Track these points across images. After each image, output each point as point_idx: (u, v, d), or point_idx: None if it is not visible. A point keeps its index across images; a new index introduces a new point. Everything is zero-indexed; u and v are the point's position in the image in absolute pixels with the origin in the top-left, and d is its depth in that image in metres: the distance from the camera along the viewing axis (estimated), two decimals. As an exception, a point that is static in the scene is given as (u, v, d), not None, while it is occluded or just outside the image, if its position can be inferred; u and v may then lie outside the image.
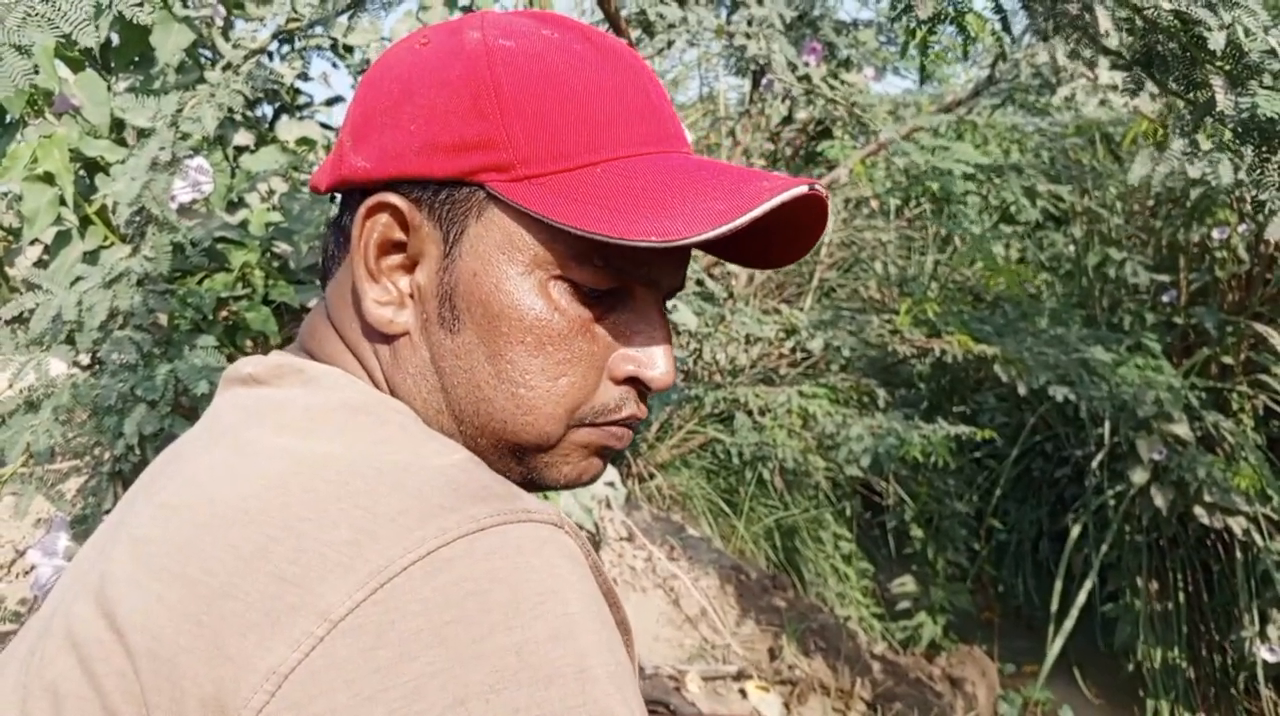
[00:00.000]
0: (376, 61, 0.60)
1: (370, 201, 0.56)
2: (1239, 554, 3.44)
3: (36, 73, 0.96)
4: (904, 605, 3.71)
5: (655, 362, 0.59)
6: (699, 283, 2.73)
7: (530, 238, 0.55)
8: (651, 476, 3.44)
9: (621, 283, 0.57)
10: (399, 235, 0.57)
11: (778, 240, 0.62)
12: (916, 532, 3.82)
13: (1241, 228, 3.72)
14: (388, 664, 0.42)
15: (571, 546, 0.48)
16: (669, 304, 2.61)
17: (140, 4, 1.04)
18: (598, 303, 0.57)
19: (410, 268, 0.58)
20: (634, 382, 0.59)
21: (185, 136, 1.56)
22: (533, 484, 0.60)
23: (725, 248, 0.64)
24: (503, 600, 0.43)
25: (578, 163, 0.55)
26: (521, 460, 0.59)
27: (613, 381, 0.59)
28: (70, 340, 1.55)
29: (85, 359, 1.68)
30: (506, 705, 0.41)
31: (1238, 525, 3.23)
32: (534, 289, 0.55)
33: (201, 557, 0.47)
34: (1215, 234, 3.80)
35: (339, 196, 0.62)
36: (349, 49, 2.44)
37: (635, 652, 0.54)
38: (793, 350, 3.64)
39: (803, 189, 0.53)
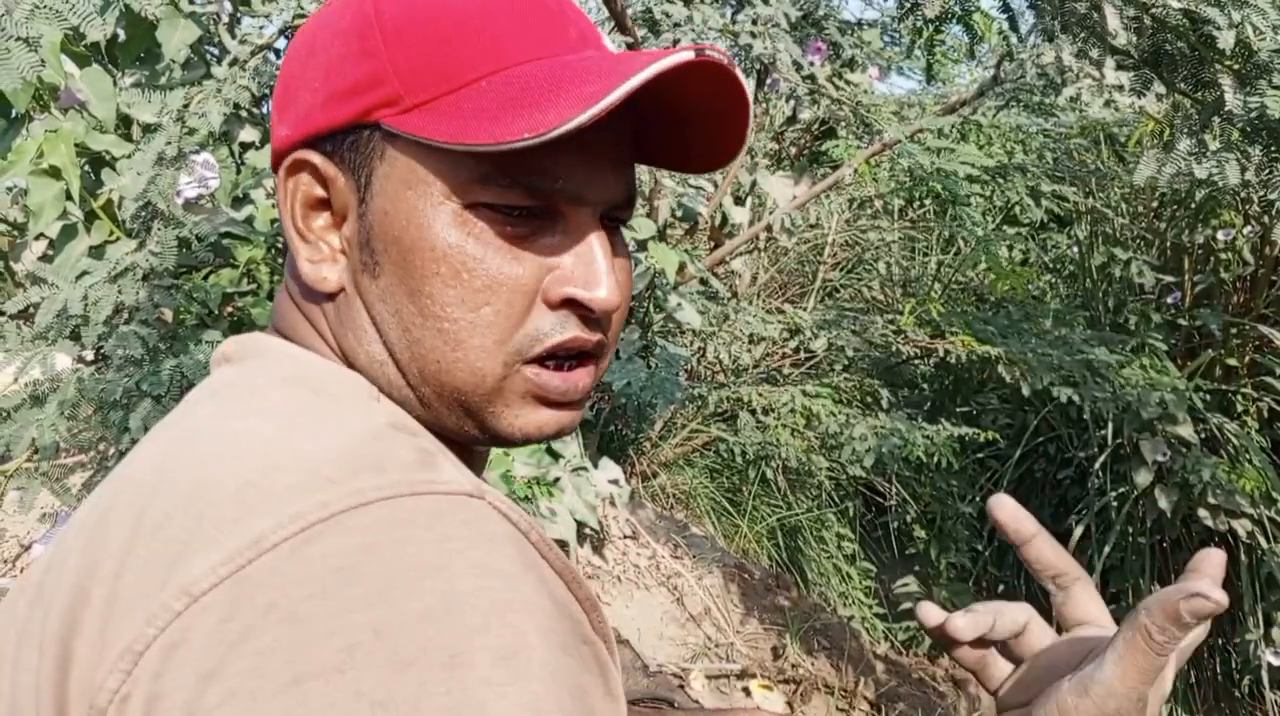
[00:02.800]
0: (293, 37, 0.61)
1: (286, 162, 0.56)
2: (1243, 557, 3.43)
3: (43, 66, 0.96)
4: (907, 605, 3.71)
5: (592, 279, 0.55)
6: (703, 282, 2.73)
7: (431, 168, 0.53)
8: (655, 475, 3.44)
9: (539, 200, 0.54)
10: (320, 192, 0.56)
11: (705, 131, 0.58)
12: (919, 533, 3.81)
13: (1247, 229, 3.72)
14: (234, 639, 0.38)
15: (489, 517, 0.44)
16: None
17: (152, 2, 1.05)
18: (521, 224, 0.54)
19: (339, 224, 0.57)
20: (573, 306, 0.55)
21: (191, 132, 1.56)
22: (492, 439, 0.58)
23: (655, 151, 0.61)
24: (372, 575, 0.39)
25: (463, 81, 0.53)
26: (468, 409, 0.56)
27: (549, 307, 0.55)
28: (76, 335, 1.55)
29: (90, 354, 1.68)
30: (348, 687, 0.37)
31: (1242, 528, 3.22)
32: (447, 219, 0.53)
33: (112, 536, 0.45)
34: (1220, 235, 3.80)
35: None
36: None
37: (609, 630, 0.49)
38: (796, 350, 3.64)
39: (687, 55, 0.50)
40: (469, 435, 0.57)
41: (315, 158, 0.56)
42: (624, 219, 0.60)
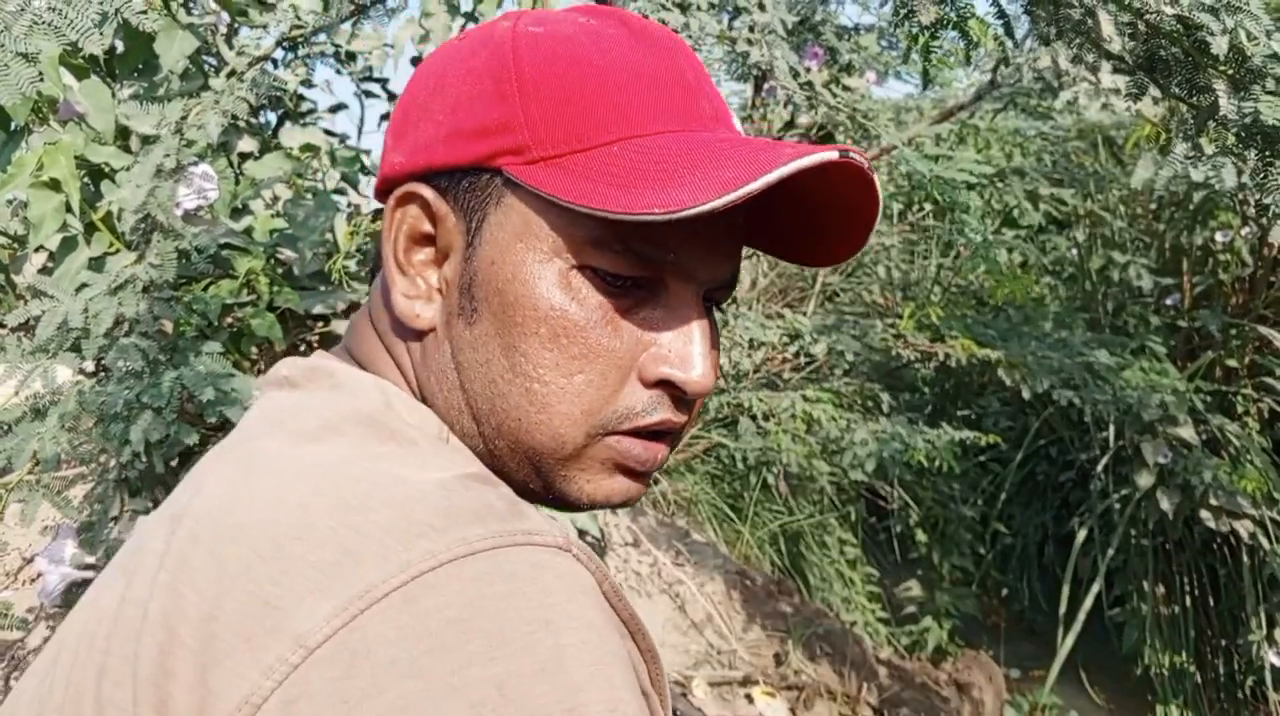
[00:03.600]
0: (419, 65, 0.60)
1: (398, 192, 0.56)
2: (1245, 557, 3.43)
3: (41, 80, 0.97)
4: (909, 610, 3.71)
5: (690, 363, 0.54)
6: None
7: (547, 223, 0.52)
8: (656, 481, 3.44)
9: (648, 271, 0.53)
10: (427, 227, 0.56)
11: (827, 226, 0.58)
12: (921, 537, 3.81)
13: (1245, 231, 3.72)
14: (358, 696, 0.39)
15: (577, 572, 0.44)
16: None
17: (145, 11, 1.05)
18: (625, 295, 0.53)
19: (440, 262, 0.56)
20: (667, 386, 0.55)
21: (190, 144, 1.57)
22: (557, 501, 0.57)
23: (772, 239, 0.61)
24: (486, 629, 0.40)
25: (594, 143, 0.52)
26: (539, 469, 0.55)
27: (643, 384, 0.54)
28: (76, 347, 1.56)
29: (90, 366, 1.68)
30: None
31: (1244, 528, 3.22)
32: (553, 278, 0.52)
33: (195, 576, 0.45)
34: (1219, 237, 3.81)
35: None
36: (351, 56, 2.45)
37: (665, 683, 0.50)
38: (796, 355, 3.64)
39: (830, 155, 0.49)
40: (533, 492, 0.57)
41: (428, 192, 0.55)
42: (721, 300, 0.59)
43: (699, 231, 0.53)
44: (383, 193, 0.59)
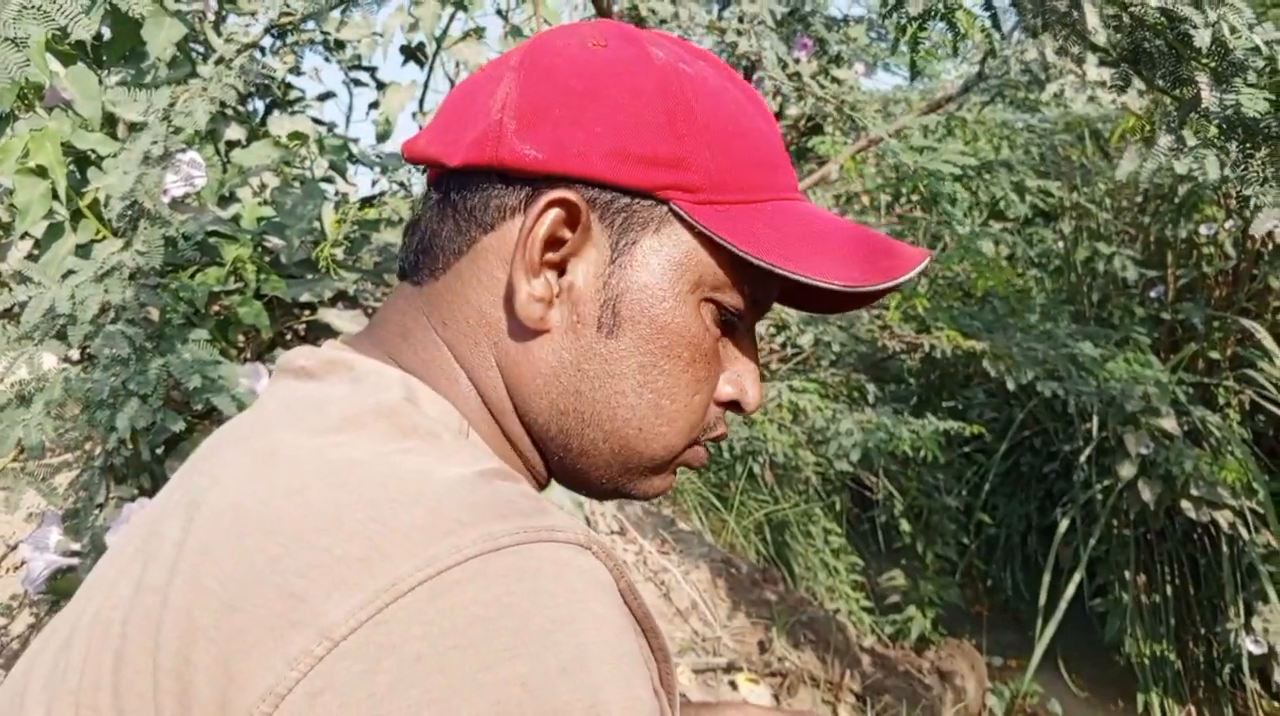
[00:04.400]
0: (538, 50, 0.58)
1: (553, 195, 0.55)
2: (1225, 547, 3.47)
3: (28, 65, 0.96)
4: (893, 599, 3.73)
5: (751, 387, 0.62)
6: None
7: (703, 259, 0.57)
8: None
9: (746, 310, 0.60)
10: (564, 233, 0.56)
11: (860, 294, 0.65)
12: (905, 527, 3.84)
13: (1229, 224, 3.75)
14: (385, 690, 0.39)
15: (598, 570, 0.45)
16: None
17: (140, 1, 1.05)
18: (725, 328, 0.60)
19: (560, 266, 0.56)
20: (730, 405, 0.62)
21: (177, 130, 1.56)
22: (616, 493, 0.62)
23: (801, 294, 0.67)
24: (511, 627, 0.41)
25: (753, 197, 0.58)
26: (628, 469, 0.60)
27: (717, 402, 0.61)
28: (62, 334, 1.55)
29: (75, 353, 1.68)
30: None
31: (1224, 518, 3.26)
32: (691, 308, 0.57)
33: (218, 566, 0.45)
34: (1203, 230, 3.84)
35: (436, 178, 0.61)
36: (340, 44, 2.44)
37: (675, 682, 0.52)
38: (783, 345, 3.65)
39: (925, 261, 0.58)
40: (593, 485, 0.61)
41: (581, 203, 0.55)
42: None
43: (776, 287, 0.62)
44: (483, 169, 0.57)
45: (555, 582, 0.43)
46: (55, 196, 1.74)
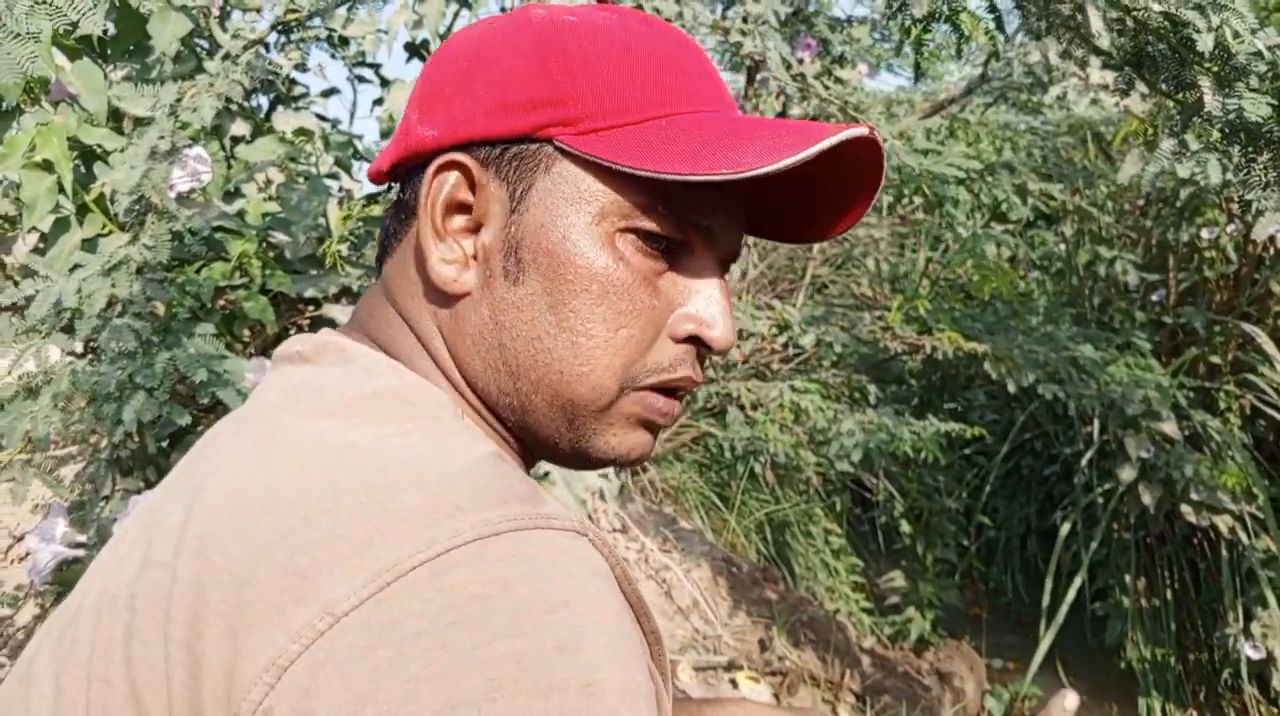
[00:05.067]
0: (441, 45, 0.61)
1: (440, 160, 0.57)
2: (1224, 552, 3.47)
3: (35, 59, 0.97)
4: (893, 600, 3.74)
5: (715, 321, 0.59)
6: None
7: (598, 188, 0.56)
8: (644, 469, 3.46)
9: (683, 234, 0.58)
10: (466, 196, 0.58)
11: (827, 201, 0.63)
12: (906, 528, 3.84)
13: (1230, 227, 3.75)
14: (385, 663, 0.41)
15: (593, 556, 0.47)
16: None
17: (145, -6, 1.06)
18: (661, 256, 0.58)
19: (474, 230, 0.58)
20: (693, 342, 0.59)
21: (184, 126, 1.57)
22: (582, 457, 0.60)
23: (773, 219, 0.65)
24: (509, 607, 0.42)
25: (642, 116, 0.56)
26: (573, 421, 0.58)
27: (672, 340, 0.59)
28: (69, 327, 1.56)
29: (79, 347, 1.69)
30: (501, 714, 0.40)
31: (1224, 523, 3.26)
32: (601, 239, 0.56)
33: (223, 544, 0.47)
34: (1204, 234, 3.83)
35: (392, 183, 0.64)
36: (345, 41, 2.44)
37: (668, 665, 0.53)
38: (785, 346, 3.66)
39: (861, 130, 0.54)
40: (557, 447, 0.60)
41: (470, 162, 0.57)
42: (725, 272, 0.64)
43: (724, 203, 0.59)
44: (407, 166, 0.61)
45: (552, 567, 0.44)
46: (62, 191, 1.75)
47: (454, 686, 0.40)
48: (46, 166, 1.75)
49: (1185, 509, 3.30)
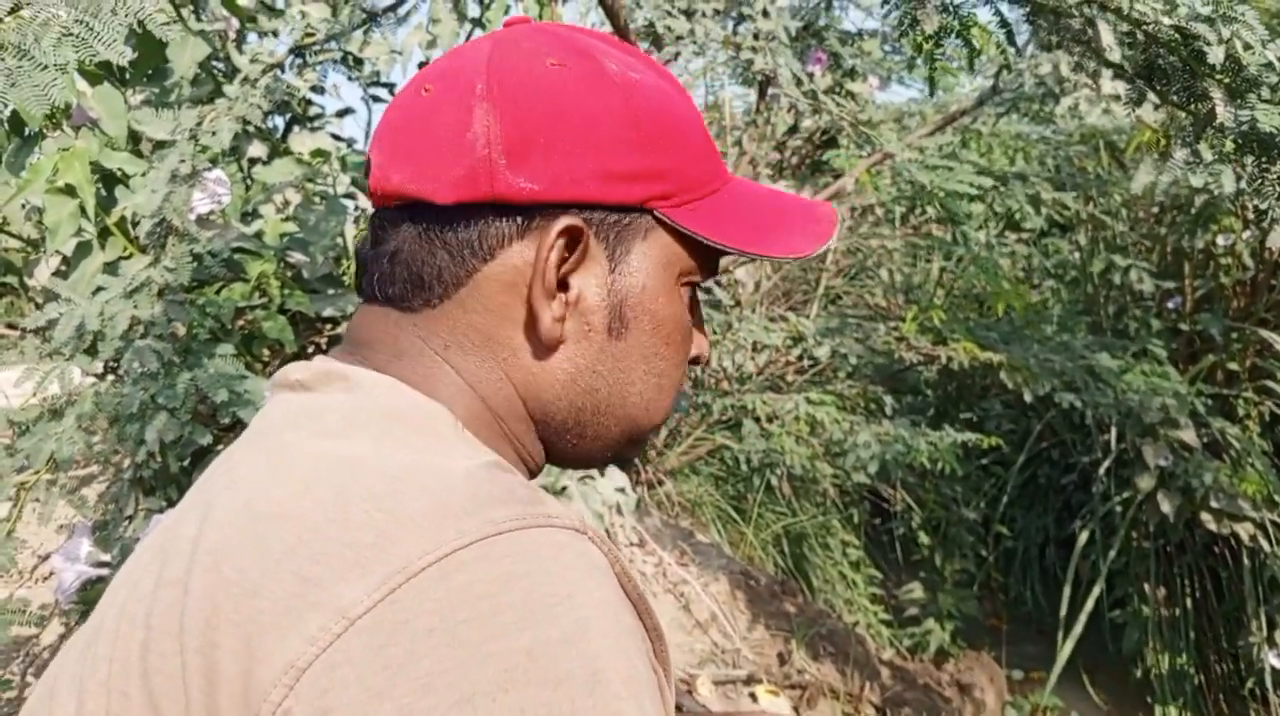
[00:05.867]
0: (504, 75, 0.59)
1: (562, 225, 0.58)
2: (1246, 560, 3.45)
3: (57, 85, 0.99)
4: (912, 611, 3.72)
5: (705, 345, 0.71)
6: (707, 290, 2.76)
7: (683, 254, 0.64)
8: (660, 482, 3.46)
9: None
10: (567, 253, 0.60)
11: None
12: (924, 539, 3.83)
13: (1247, 234, 3.74)
14: (399, 661, 0.42)
15: (593, 552, 0.49)
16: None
17: (169, 23, 1.07)
18: (690, 299, 0.67)
19: (563, 282, 0.61)
20: (693, 363, 0.70)
21: (204, 149, 1.59)
22: (614, 460, 0.69)
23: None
24: (515, 602, 0.44)
25: (710, 188, 0.65)
26: (634, 440, 0.67)
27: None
28: (91, 349, 1.58)
29: (99, 367, 1.71)
30: (513, 704, 0.42)
31: (1245, 531, 3.24)
32: (675, 294, 0.64)
33: (235, 558, 0.48)
34: (1220, 240, 3.82)
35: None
36: (359, 61, 2.47)
37: (669, 659, 0.55)
38: (799, 357, 3.66)
39: (837, 214, 0.69)
40: (596, 458, 0.67)
41: (583, 226, 0.59)
42: None
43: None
44: (479, 204, 0.58)
45: (554, 563, 0.46)
46: (84, 214, 1.77)
47: (468, 679, 0.42)
48: (69, 191, 1.77)
49: (1205, 517, 3.28)
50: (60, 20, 0.93)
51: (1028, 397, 3.19)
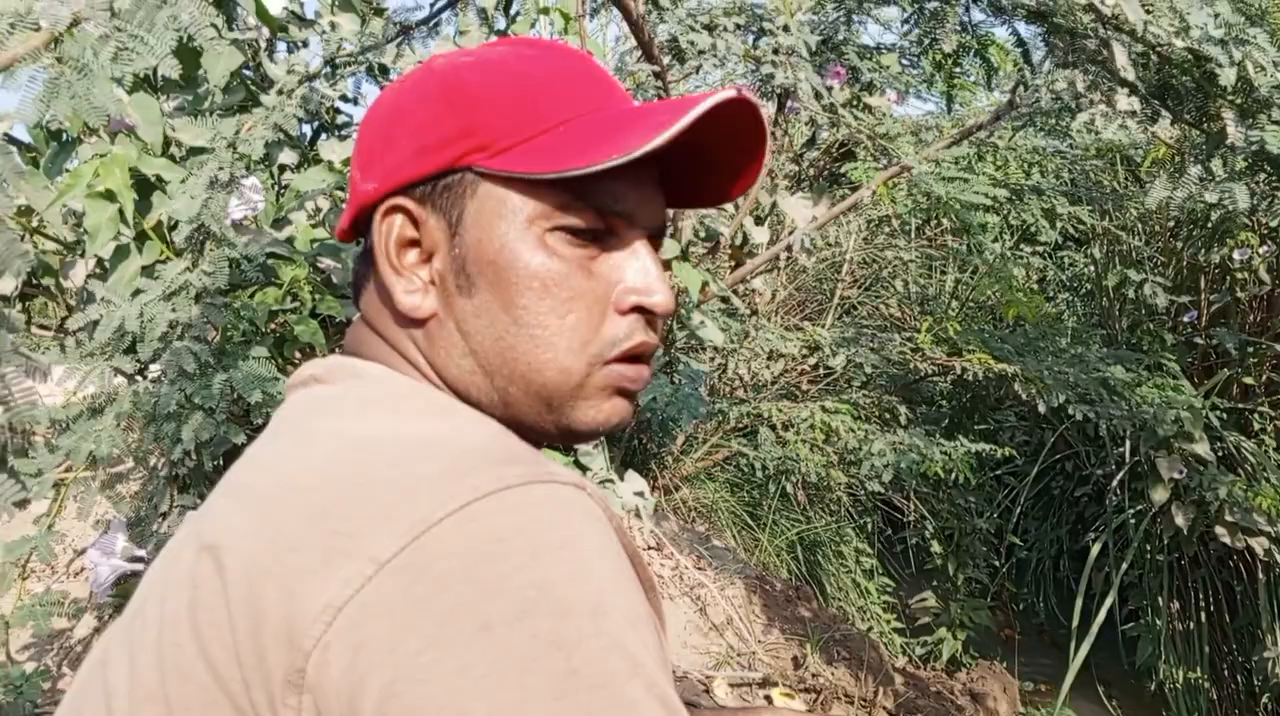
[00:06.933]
0: (366, 113, 0.70)
1: (383, 207, 0.65)
2: (1261, 574, 3.45)
3: (92, 92, 1.04)
4: (924, 620, 3.74)
5: (651, 287, 0.66)
6: (724, 300, 2.79)
7: (519, 198, 0.63)
8: (677, 488, 3.49)
9: (604, 221, 0.65)
10: (412, 232, 0.66)
11: (724, 168, 0.70)
12: (937, 549, 3.85)
13: (1263, 248, 3.75)
14: (424, 597, 0.48)
15: (592, 506, 0.54)
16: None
17: (214, 37, 1.12)
18: (590, 246, 0.65)
19: (427, 259, 0.66)
20: (640, 311, 0.67)
21: (241, 157, 1.64)
22: (568, 433, 0.67)
23: (680, 187, 0.72)
24: (525, 546, 0.49)
25: (540, 129, 0.63)
26: (551, 404, 0.65)
27: (620, 314, 0.66)
28: (130, 350, 1.63)
29: (130, 367, 1.75)
30: (526, 630, 0.47)
31: (1259, 545, 3.24)
32: (533, 242, 0.63)
33: (272, 521, 0.54)
34: (1236, 255, 3.83)
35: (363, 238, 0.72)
36: (385, 70, 2.52)
37: (660, 608, 0.60)
38: (815, 366, 3.69)
39: (730, 93, 0.62)
40: (543, 430, 0.67)
41: (409, 203, 0.65)
42: (659, 245, 0.72)
43: (634, 184, 0.66)
44: (355, 225, 0.70)
45: (559, 512, 0.52)
46: (123, 219, 1.83)
47: (485, 610, 0.48)
48: (109, 196, 1.83)
49: (1220, 530, 3.28)
50: (118, 36, 0.98)
51: (1042, 409, 3.21)
